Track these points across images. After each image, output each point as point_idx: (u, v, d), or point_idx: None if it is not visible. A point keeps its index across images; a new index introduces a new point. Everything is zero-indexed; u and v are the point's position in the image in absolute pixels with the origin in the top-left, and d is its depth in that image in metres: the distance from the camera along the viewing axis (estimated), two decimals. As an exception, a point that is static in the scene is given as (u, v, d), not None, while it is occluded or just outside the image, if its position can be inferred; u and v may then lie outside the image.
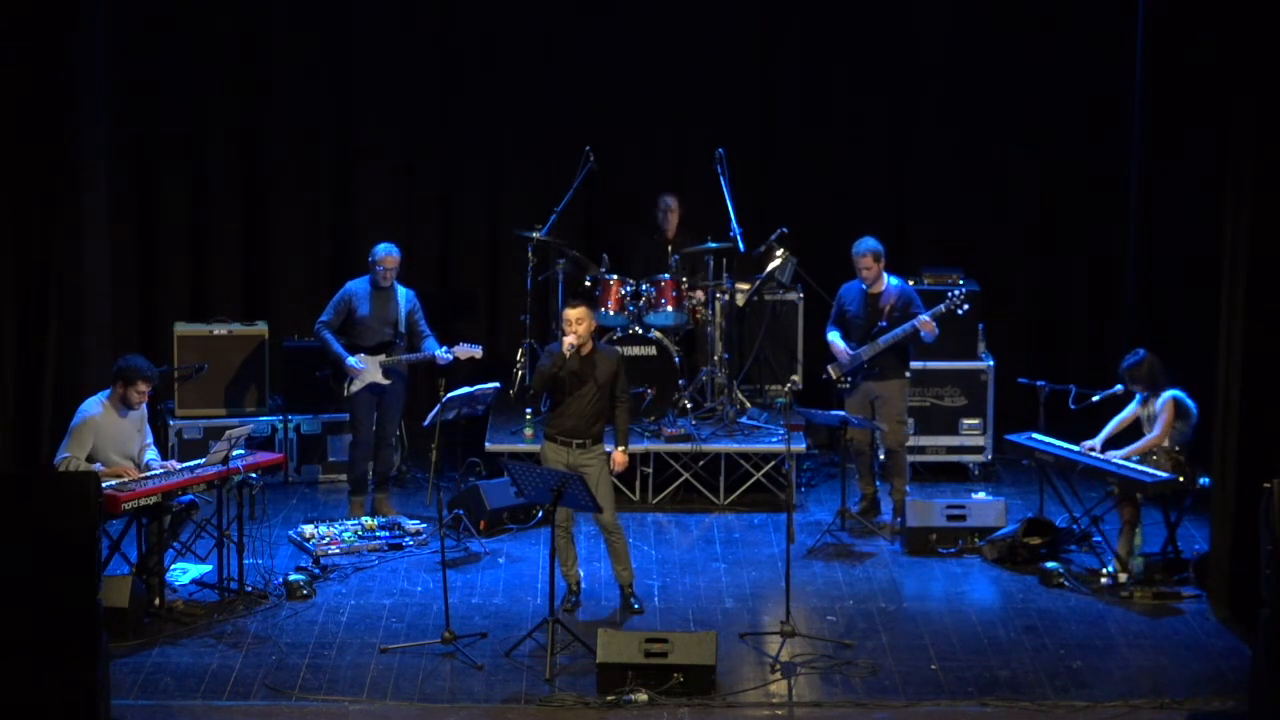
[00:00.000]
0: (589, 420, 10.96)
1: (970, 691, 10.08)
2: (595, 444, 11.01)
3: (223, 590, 11.32)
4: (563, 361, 10.88)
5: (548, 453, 11.05)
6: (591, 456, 10.99)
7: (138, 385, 11.12)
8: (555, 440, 11.02)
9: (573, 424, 10.96)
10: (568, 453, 10.96)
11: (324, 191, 14.81)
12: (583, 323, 10.87)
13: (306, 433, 13.75)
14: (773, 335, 14.13)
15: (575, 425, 10.95)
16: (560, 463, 10.92)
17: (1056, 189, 14.86)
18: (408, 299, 12.80)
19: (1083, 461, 11.78)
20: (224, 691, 10.00)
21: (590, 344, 11.00)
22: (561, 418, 11.00)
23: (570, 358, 10.89)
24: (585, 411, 10.95)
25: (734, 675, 10.23)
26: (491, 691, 10.03)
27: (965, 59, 14.71)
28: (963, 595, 11.55)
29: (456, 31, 14.69)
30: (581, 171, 13.77)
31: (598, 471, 10.97)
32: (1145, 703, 9.92)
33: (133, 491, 10.78)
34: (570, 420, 10.96)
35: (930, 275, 13.80)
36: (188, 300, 14.58)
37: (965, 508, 12.30)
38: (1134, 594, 11.38)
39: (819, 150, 14.81)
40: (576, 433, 10.95)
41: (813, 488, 13.73)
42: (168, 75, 14.42)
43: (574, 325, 10.85)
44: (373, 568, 11.94)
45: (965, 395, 13.81)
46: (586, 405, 10.94)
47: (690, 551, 12.37)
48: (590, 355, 10.97)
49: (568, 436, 10.97)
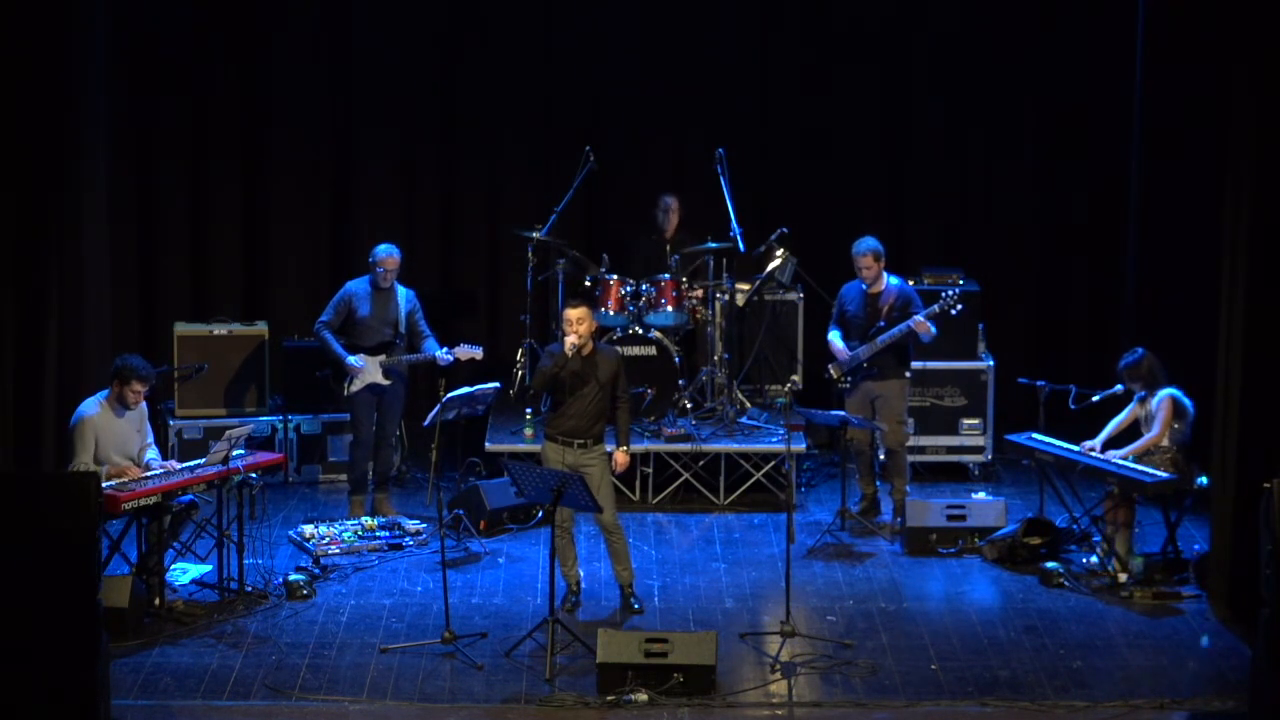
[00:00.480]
0: (590, 420, 10.96)
1: (970, 691, 10.07)
2: (596, 444, 11.00)
3: (223, 590, 11.31)
4: (564, 361, 10.87)
5: (548, 453, 11.04)
6: (593, 457, 10.98)
7: (132, 385, 11.14)
8: (556, 440, 11.01)
9: (573, 424, 10.95)
10: (569, 453, 10.95)
11: (324, 192, 14.81)
12: (584, 323, 10.86)
13: (306, 433, 13.75)
14: (773, 335, 14.12)
15: (576, 425, 10.95)
16: (561, 463, 10.91)
17: (1056, 188, 14.85)
18: (408, 299, 12.79)
19: (1082, 461, 11.78)
20: (224, 691, 9.99)
21: (591, 344, 10.99)
22: (562, 418, 11.00)
23: (571, 358, 10.88)
24: (586, 411, 10.94)
25: (734, 675, 10.23)
26: (491, 691, 10.02)
27: (965, 58, 14.71)
28: (963, 595, 11.55)
29: (456, 31, 14.68)
30: (581, 171, 13.75)
31: (599, 472, 10.97)
32: (1145, 703, 9.92)
33: (133, 491, 10.79)
34: (571, 420, 10.96)
35: (930, 275, 13.79)
36: (188, 300, 14.58)
37: (965, 508, 12.30)
38: (1134, 594, 11.37)
39: (818, 149, 14.81)
40: (577, 433, 10.94)
41: (813, 488, 13.72)
42: (168, 74, 14.42)
43: (575, 325, 10.84)
44: (373, 568, 11.94)
45: (965, 395, 13.81)
46: (587, 405, 10.93)
47: (690, 551, 12.37)
48: (591, 355, 10.97)
49: (569, 437, 10.96)
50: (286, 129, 14.66)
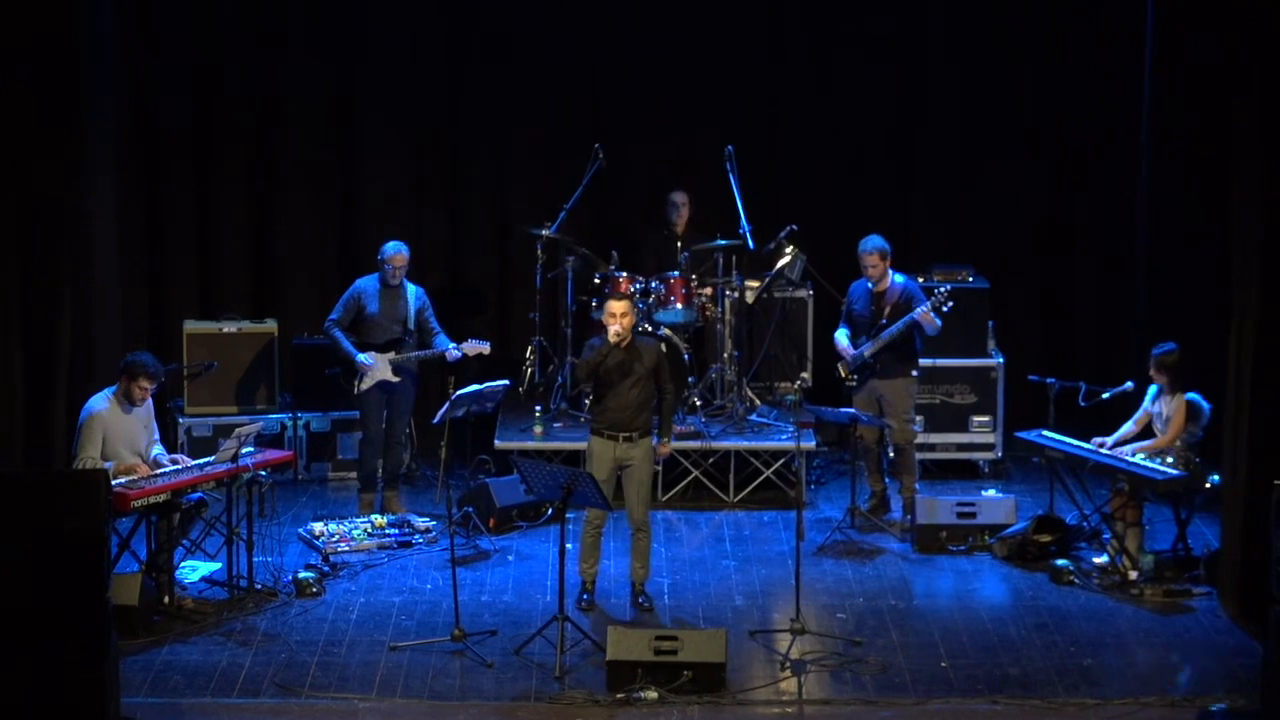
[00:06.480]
0: (633, 411, 10.99)
1: (980, 689, 10.07)
2: (643, 437, 11.03)
3: (232, 588, 11.32)
4: (607, 351, 10.92)
5: (595, 448, 11.07)
6: (639, 450, 11.02)
7: (140, 381, 11.13)
8: (602, 435, 11.05)
9: (617, 416, 10.99)
10: (616, 447, 10.99)
11: (333, 189, 14.79)
12: (626, 316, 10.95)
13: (316, 430, 13.75)
14: (782, 332, 14.14)
15: (620, 418, 10.98)
16: (608, 458, 10.96)
17: (1066, 185, 14.81)
18: (417, 296, 12.79)
19: (1093, 458, 11.77)
20: (234, 689, 10.00)
21: (630, 336, 11.05)
22: (606, 411, 11.04)
23: (613, 350, 10.93)
24: (629, 403, 10.98)
25: (744, 673, 10.23)
26: (501, 689, 10.03)
27: (975, 54, 14.70)
28: (973, 593, 11.54)
29: (465, 29, 14.67)
30: (591, 169, 13.73)
31: (643, 466, 11.02)
32: (1156, 701, 9.92)
33: (142, 489, 10.81)
34: (615, 413, 11.00)
35: (940, 272, 13.74)
36: (197, 298, 14.57)
37: (975, 505, 12.29)
38: (1144, 591, 11.37)
39: (828, 146, 14.79)
40: (622, 425, 10.98)
41: (822, 485, 13.71)
42: (175, 72, 14.41)
43: (618, 318, 10.91)
44: (382, 565, 11.94)
45: (975, 392, 13.78)
46: (630, 396, 10.97)
47: (700, 549, 12.36)
48: (631, 346, 11.01)
49: (614, 430, 11.00)
50: (296, 126, 14.63)
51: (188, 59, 14.42)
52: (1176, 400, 11.69)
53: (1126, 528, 11.62)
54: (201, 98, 14.50)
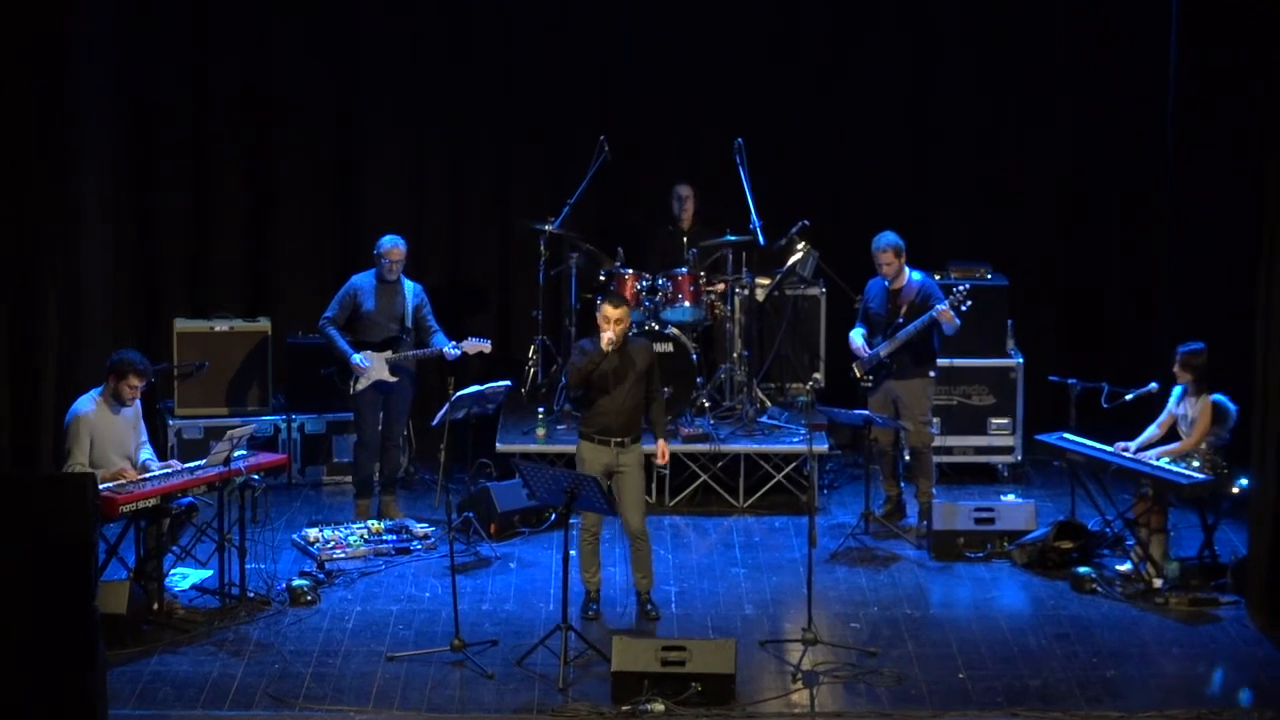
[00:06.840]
0: (627, 415, 10.95)
1: (999, 701, 9.98)
2: (634, 443, 11.01)
3: (224, 596, 11.28)
4: (600, 358, 10.86)
5: (585, 453, 11.02)
6: (631, 456, 10.99)
7: (129, 379, 11.12)
8: (593, 440, 11.00)
9: (609, 421, 10.94)
10: (607, 453, 10.95)
11: (329, 184, 14.87)
12: (623, 322, 10.91)
13: (310, 433, 13.71)
14: (794, 332, 14.13)
15: (612, 422, 10.93)
16: (600, 463, 10.91)
17: (1088, 182, 14.85)
18: (415, 293, 12.75)
19: (1115, 462, 11.74)
20: (225, 701, 9.93)
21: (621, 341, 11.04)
22: (598, 415, 10.99)
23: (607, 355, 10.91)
24: (623, 407, 10.93)
25: (754, 684, 10.14)
26: (502, 701, 9.96)
27: (993, 49, 14.73)
28: (991, 601, 11.49)
29: (465, 22, 14.70)
30: (595, 163, 13.73)
31: (635, 473, 10.99)
32: (1181, 713, 9.81)
33: (131, 494, 10.80)
34: (607, 418, 10.95)
35: (957, 269, 13.77)
36: (188, 296, 14.64)
37: (994, 510, 12.25)
38: (1169, 600, 11.33)
39: (841, 139, 14.82)
40: (615, 430, 10.93)
41: (835, 489, 13.69)
42: (169, 67, 14.48)
43: (614, 324, 10.87)
44: (379, 573, 11.91)
45: (994, 394, 13.73)
46: (623, 400, 10.93)
47: (709, 556, 12.32)
48: (624, 350, 10.99)
49: (606, 435, 10.95)
50: (291, 121, 14.72)
51: (182, 52, 14.49)
52: (1202, 402, 11.66)
53: (1151, 534, 11.57)
54: (195, 91, 14.55)
